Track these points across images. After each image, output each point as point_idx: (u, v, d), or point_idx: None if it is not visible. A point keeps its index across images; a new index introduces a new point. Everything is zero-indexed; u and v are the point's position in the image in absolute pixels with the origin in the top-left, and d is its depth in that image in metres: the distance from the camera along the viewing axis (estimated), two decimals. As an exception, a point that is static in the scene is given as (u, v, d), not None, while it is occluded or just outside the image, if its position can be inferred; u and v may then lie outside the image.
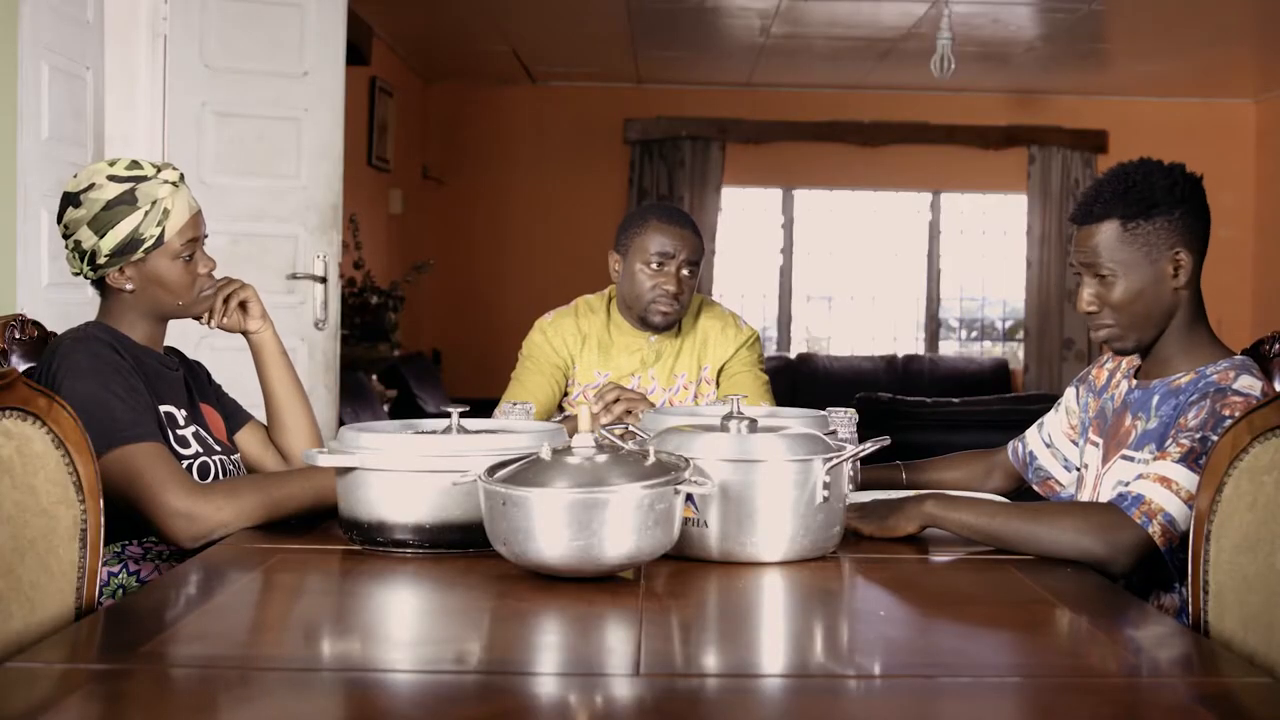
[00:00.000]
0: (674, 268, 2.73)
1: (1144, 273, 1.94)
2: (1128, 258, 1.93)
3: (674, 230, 2.75)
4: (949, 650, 1.43)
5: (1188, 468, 1.79)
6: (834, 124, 8.36)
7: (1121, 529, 1.78)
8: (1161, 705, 1.25)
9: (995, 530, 1.85)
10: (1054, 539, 1.81)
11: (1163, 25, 6.42)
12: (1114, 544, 1.78)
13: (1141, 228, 1.93)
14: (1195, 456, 1.79)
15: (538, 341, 2.88)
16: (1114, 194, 1.94)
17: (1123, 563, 1.79)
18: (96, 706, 1.19)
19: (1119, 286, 1.95)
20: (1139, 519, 1.78)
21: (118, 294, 2.07)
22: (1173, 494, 1.78)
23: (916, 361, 8.44)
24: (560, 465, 1.59)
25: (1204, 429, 1.81)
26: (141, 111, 3.85)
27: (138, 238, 2.02)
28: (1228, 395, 1.84)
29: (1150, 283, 1.94)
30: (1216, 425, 1.80)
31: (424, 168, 8.23)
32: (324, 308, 4.09)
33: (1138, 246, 1.93)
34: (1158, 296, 1.95)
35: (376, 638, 1.48)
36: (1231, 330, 8.16)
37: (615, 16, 6.43)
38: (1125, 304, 1.95)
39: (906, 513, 1.91)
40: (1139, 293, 1.94)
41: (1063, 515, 1.85)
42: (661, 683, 1.25)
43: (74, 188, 2.04)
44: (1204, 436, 1.80)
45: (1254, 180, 8.40)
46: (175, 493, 1.86)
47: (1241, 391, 1.85)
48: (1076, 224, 2.00)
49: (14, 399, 1.58)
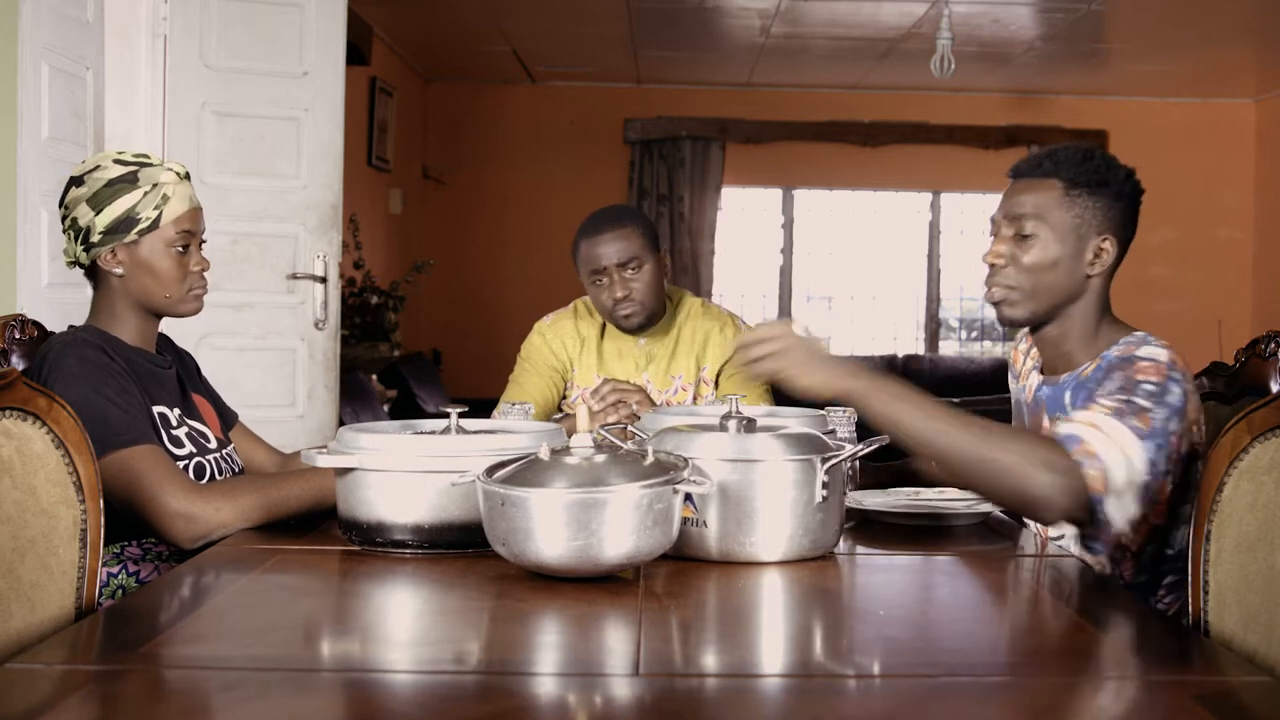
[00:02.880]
0: (612, 276, 2.73)
1: (1066, 244, 1.88)
2: (1058, 221, 1.88)
3: (598, 240, 2.74)
4: (949, 650, 1.43)
5: (1118, 420, 1.75)
6: (834, 124, 8.36)
7: (1064, 473, 1.71)
8: (1161, 705, 1.25)
9: (932, 436, 1.72)
10: (997, 463, 1.70)
11: (1163, 25, 6.42)
12: (1054, 486, 1.70)
13: (1083, 199, 1.88)
14: (1122, 415, 1.75)
15: (536, 344, 2.88)
16: (1068, 159, 1.89)
17: (1057, 508, 1.71)
18: (96, 707, 1.19)
19: (1036, 249, 1.88)
20: (1078, 457, 1.72)
21: (107, 283, 2.06)
22: (1105, 436, 1.73)
23: (916, 361, 8.44)
24: (559, 465, 1.59)
25: (1125, 393, 1.77)
26: (141, 111, 3.85)
27: (133, 216, 2.02)
28: (1135, 362, 1.82)
29: (1067, 256, 1.89)
30: (1135, 389, 1.77)
31: (424, 168, 8.23)
32: (324, 308, 4.09)
33: (1072, 215, 1.88)
34: (1069, 274, 1.89)
35: (376, 638, 1.47)
36: (1231, 330, 8.20)
37: (615, 16, 6.43)
38: (1035, 268, 1.89)
39: (828, 370, 1.74)
40: (1053, 262, 1.88)
41: (1012, 440, 1.74)
42: (661, 683, 1.25)
43: (79, 170, 2.07)
44: (1129, 400, 1.76)
45: (1254, 180, 8.39)
46: (174, 494, 1.86)
47: (1146, 357, 1.82)
48: (1017, 176, 1.93)
49: (14, 399, 1.58)
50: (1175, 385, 1.80)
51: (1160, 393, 1.78)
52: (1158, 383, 1.79)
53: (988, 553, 1.88)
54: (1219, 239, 8.48)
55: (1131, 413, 1.76)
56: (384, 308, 6.50)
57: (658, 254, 2.78)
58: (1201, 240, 8.45)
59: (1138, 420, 1.76)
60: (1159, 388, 1.79)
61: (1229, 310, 8.29)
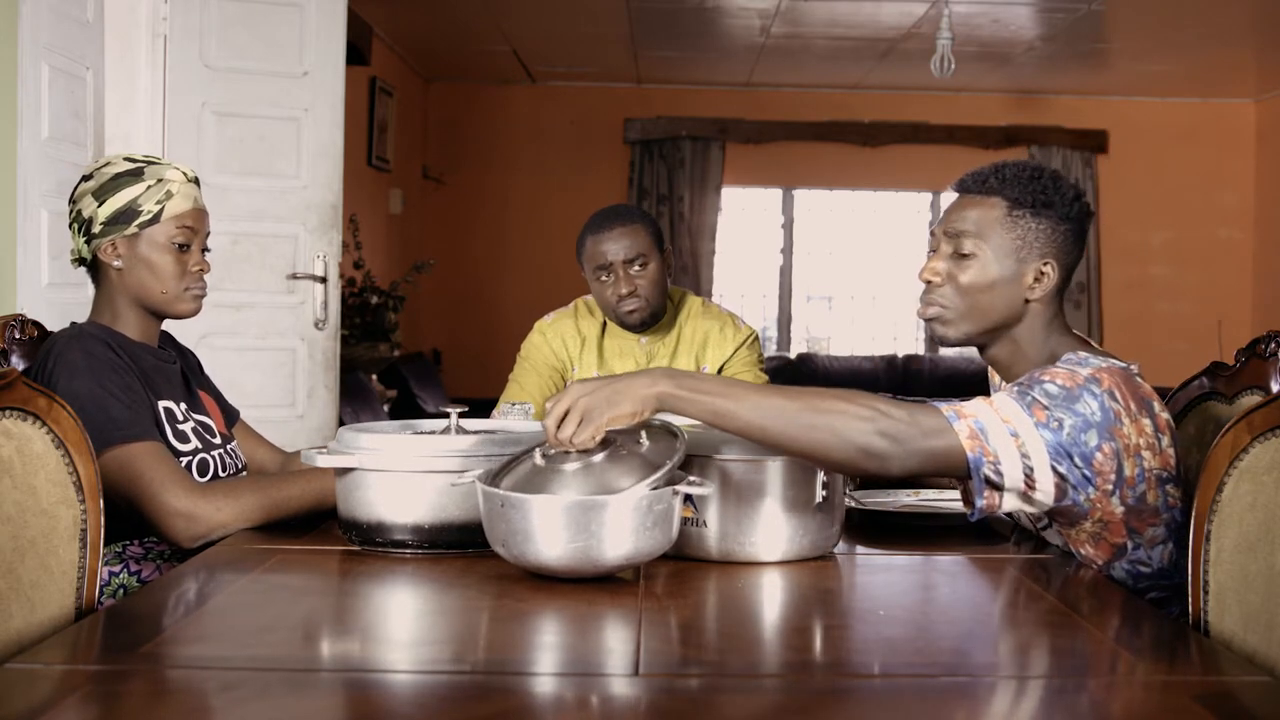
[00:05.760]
0: (619, 272, 2.74)
1: (1005, 266, 1.81)
2: (998, 243, 1.81)
3: (605, 237, 2.75)
4: (949, 650, 1.43)
5: (1013, 400, 1.68)
6: (834, 124, 8.36)
7: (917, 411, 1.62)
8: (1161, 705, 1.25)
9: (750, 411, 1.61)
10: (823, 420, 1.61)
11: (1163, 25, 6.42)
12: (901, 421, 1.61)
13: (1026, 220, 1.82)
14: (1021, 395, 1.69)
15: (536, 343, 2.88)
16: (1014, 176, 1.84)
17: (907, 447, 1.61)
18: (96, 707, 1.19)
19: (974, 268, 1.82)
20: (948, 413, 1.66)
21: (107, 278, 2.07)
22: (992, 410, 1.67)
23: (916, 361, 8.44)
24: (558, 466, 1.59)
25: (1020, 387, 1.71)
26: (141, 111, 3.85)
27: (135, 208, 2.03)
28: (1047, 369, 1.74)
29: (1006, 279, 1.82)
30: (1034, 386, 1.69)
31: (424, 168, 8.23)
32: (324, 308, 4.09)
33: (1013, 236, 1.81)
34: (1007, 297, 1.82)
35: (375, 638, 1.48)
36: (1231, 330, 8.19)
37: (615, 16, 6.43)
38: (971, 289, 1.82)
39: (632, 393, 1.60)
40: (991, 283, 1.82)
41: (840, 399, 1.63)
42: (661, 683, 1.25)
43: (90, 168, 2.08)
44: (1022, 393, 1.69)
45: (1254, 180, 8.39)
46: (175, 493, 1.86)
47: (1062, 368, 1.73)
48: (961, 191, 1.88)
49: (14, 399, 1.58)
50: (1090, 397, 1.68)
51: (1065, 398, 1.68)
52: (1064, 386, 1.69)
53: (987, 553, 1.88)
54: (1219, 239, 8.48)
55: (1024, 405, 1.68)
56: (384, 308, 6.50)
57: (662, 252, 2.79)
58: (1201, 240, 8.45)
59: (1033, 411, 1.67)
60: (1065, 392, 1.69)
61: (1229, 310, 8.29)
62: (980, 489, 1.68)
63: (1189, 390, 2.18)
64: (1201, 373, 2.20)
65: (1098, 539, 1.78)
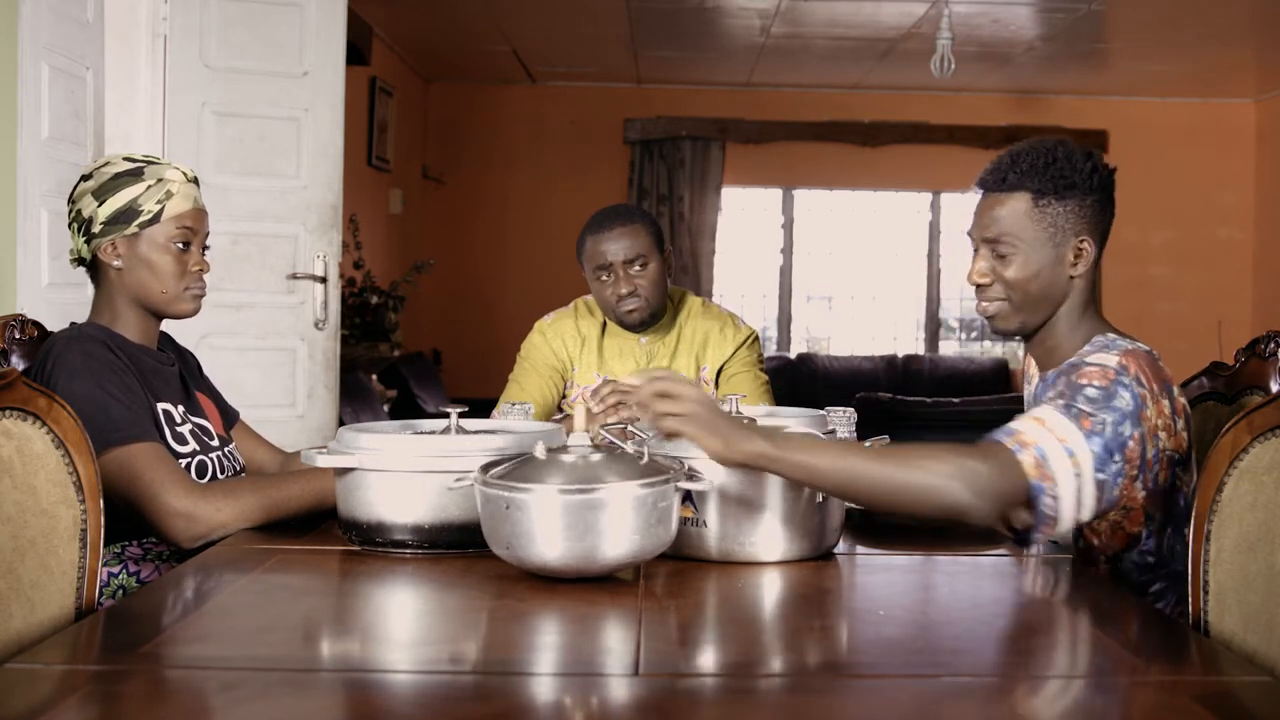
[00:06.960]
0: (619, 272, 2.74)
1: (1044, 253, 1.87)
2: (1032, 235, 1.87)
3: (605, 237, 2.75)
4: (949, 650, 1.43)
5: (1061, 414, 1.72)
6: (834, 124, 8.36)
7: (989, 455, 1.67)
8: (1161, 705, 1.25)
9: (850, 478, 1.65)
10: (914, 486, 1.64)
11: (1163, 25, 6.42)
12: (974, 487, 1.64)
13: (1053, 206, 1.86)
14: (1068, 409, 1.73)
15: (536, 343, 2.88)
16: (1031, 167, 1.87)
17: (984, 506, 1.65)
18: (96, 707, 1.19)
19: (1016, 263, 1.88)
20: (1011, 446, 1.69)
21: (107, 278, 2.07)
22: (1043, 428, 1.71)
23: (916, 361, 8.44)
24: (557, 466, 1.59)
25: (1064, 399, 1.75)
26: (141, 111, 3.85)
27: (135, 208, 2.03)
28: (1081, 369, 1.79)
29: (1048, 264, 1.87)
30: (1076, 395, 1.74)
31: (424, 168, 8.23)
32: (324, 308, 4.09)
33: (1044, 225, 1.87)
34: (1053, 280, 1.88)
35: (375, 638, 1.48)
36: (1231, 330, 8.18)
37: (615, 16, 6.43)
38: (1020, 282, 1.88)
39: (733, 443, 1.63)
40: (1036, 273, 1.88)
41: (926, 458, 1.66)
42: (660, 683, 1.25)
43: (90, 168, 2.09)
44: (1068, 405, 1.73)
45: (1254, 180, 8.40)
46: (175, 493, 1.86)
47: (1094, 364, 1.79)
48: (985, 190, 1.92)
49: (14, 399, 1.58)
50: (1123, 390, 1.75)
51: (1104, 398, 1.74)
52: (1101, 387, 1.75)
53: (987, 553, 1.88)
54: (1219, 239, 8.48)
55: (1072, 417, 1.73)
56: (384, 308, 6.50)
57: (663, 253, 2.79)
58: (1201, 240, 8.45)
59: (1080, 422, 1.72)
60: (1102, 392, 1.74)
61: (1229, 310, 8.29)
62: (1043, 519, 1.71)
63: (1189, 390, 2.18)
64: (1201, 373, 2.21)
65: (1116, 528, 1.81)
